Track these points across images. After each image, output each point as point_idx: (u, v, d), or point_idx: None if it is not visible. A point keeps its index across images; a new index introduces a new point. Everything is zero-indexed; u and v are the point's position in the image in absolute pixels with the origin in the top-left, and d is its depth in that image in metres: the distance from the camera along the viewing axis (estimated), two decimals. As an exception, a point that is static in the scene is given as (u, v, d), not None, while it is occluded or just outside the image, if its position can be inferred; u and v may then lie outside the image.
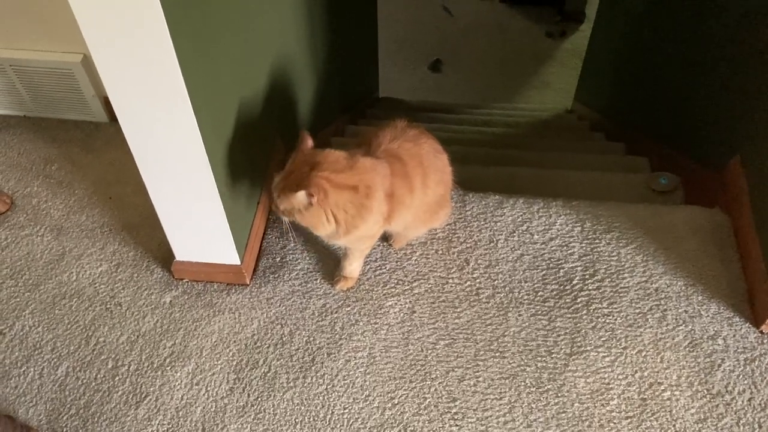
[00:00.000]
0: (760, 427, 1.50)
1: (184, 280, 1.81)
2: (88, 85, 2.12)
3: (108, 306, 1.78)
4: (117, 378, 1.66)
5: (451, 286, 1.77)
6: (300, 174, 1.43)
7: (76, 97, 2.16)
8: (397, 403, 1.59)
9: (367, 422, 1.56)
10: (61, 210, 2.01)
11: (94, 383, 1.65)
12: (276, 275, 1.81)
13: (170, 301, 1.78)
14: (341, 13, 2.48)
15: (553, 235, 1.84)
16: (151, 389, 1.63)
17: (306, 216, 1.46)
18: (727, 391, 1.56)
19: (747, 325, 1.65)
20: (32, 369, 1.68)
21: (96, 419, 1.59)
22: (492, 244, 1.84)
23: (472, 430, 1.54)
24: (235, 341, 1.69)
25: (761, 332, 1.63)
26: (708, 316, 1.67)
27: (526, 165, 2.42)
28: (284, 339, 1.69)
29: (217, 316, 1.74)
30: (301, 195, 1.40)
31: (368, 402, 1.59)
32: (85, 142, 2.21)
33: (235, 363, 1.66)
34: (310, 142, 1.50)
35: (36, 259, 1.89)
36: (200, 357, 1.68)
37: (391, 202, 1.55)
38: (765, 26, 1.85)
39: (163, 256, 1.85)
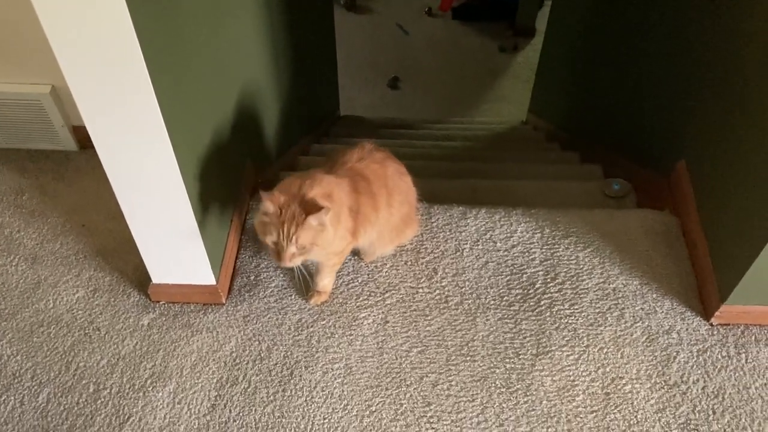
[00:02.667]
0: (714, 413, 1.61)
1: (161, 303, 1.85)
2: (57, 115, 2.15)
3: (87, 331, 1.81)
4: (99, 401, 1.69)
5: (421, 295, 1.85)
6: (298, 209, 1.46)
7: (45, 127, 2.19)
8: (375, 411, 1.65)
9: (346, 430, 1.62)
10: (35, 239, 2.04)
11: (76, 408, 1.68)
12: (251, 293, 1.87)
13: (148, 323, 1.82)
14: (301, 38, 2.56)
15: (515, 242, 1.94)
16: (134, 410, 1.67)
17: (322, 237, 1.50)
18: (682, 382, 1.66)
19: (698, 318, 1.76)
20: (12, 397, 1.70)
21: (80, 443, 1.62)
22: (458, 254, 1.92)
23: (448, 431, 1.62)
24: (214, 359, 1.74)
25: (711, 324, 1.75)
26: (662, 312, 1.78)
27: (486, 177, 2.52)
28: (262, 355, 1.75)
29: (195, 335, 1.79)
30: (320, 215, 1.45)
31: (347, 411, 1.65)
32: (56, 172, 2.24)
33: (215, 380, 1.71)
34: (279, 199, 1.48)
35: (11, 289, 1.91)
36: (181, 376, 1.72)
37: (357, 218, 1.63)
38: (697, 40, 1.99)
39: (139, 279, 1.89)
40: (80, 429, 1.64)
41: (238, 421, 1.63)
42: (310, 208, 1.45)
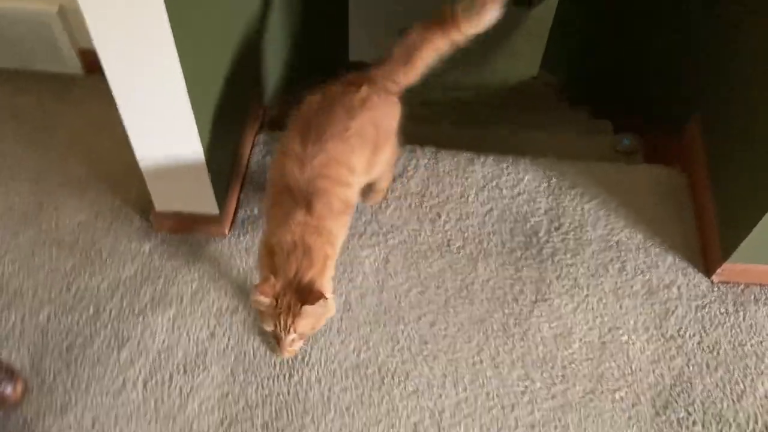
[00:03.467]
0: (708, 367, 1.62)
1: (163, 230, 1.85)
2: (64, 36, 2.11)
3: (88, 254, 1.81)
4: (99, 323, 1.70)
5: (424, 238, 1.85)
6: (294, 298, 1.34)
7: (51, 48, 2.15)
8: (372, 346, 1.66)
9: (343, 364, 1.64)
10: (37, 161, 2.02)
11: (76, 328, 1.69)
12: (254, 226, 1.86)
13: (150, 249, 1.82)
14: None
15: (521, 191, 1.93)
16: (133, 333, 1.68)
17: (324, 318, 1.42)
18: (679, 335, 1.67)
19: (699, 275, 1.76)
20: (13, 314, 1.71)
21: (79, 362, 1.64)
22: (463, 199, 1.91)
23: (443, 370, 1.63)
24: (215, 288, 1.75)
25: (712, 282, 1.75)
26: (664, 266, 1.78)
27: (494, 128, 2.49)
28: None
29: (196, 264, 1.79)
30: (317, 305, 1.32)
31: (344, 345, 1.66)
32: (61, 94, 2.20)
33: (215, 309, 1.72)
34: (274, 289, 1.35)
35: (13, 209, 1.90)
36: (181, 303, 1.73)
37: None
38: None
39: (142, 206, 1.88)
40: (79, 348, 1.65)
41: (236, 349, 1.65)
42: (307, 296, 1.33)
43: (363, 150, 1.55)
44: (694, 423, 1.55)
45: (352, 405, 1.59)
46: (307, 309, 1.31)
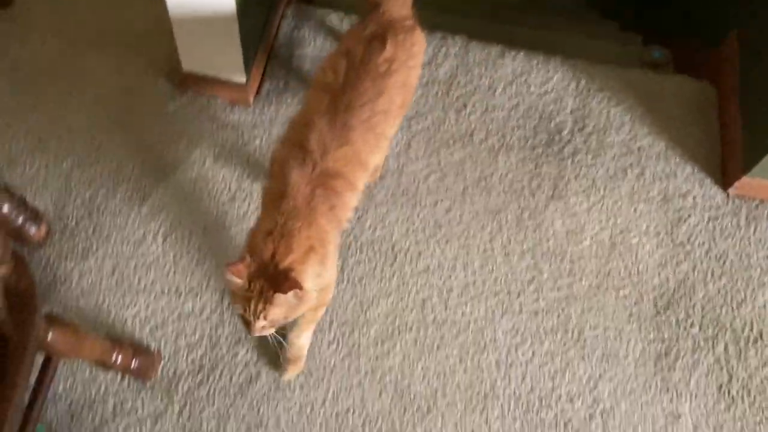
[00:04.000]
0: (712, 274, 1.67)
1: (188, 92, 1.84)
2: None
3: (113, 111, 1.81)
4: (121, 177, 1.72)
5: (447, 127, 1.85)
6: (266, 284, 1.18)
7: None
8: (387, 225, 1.70)
9: (359, 239, 1.68)
10: (64, 15, 1.98)
11: (99, 179, 1.72)
12: (279, 99, 1.86)
13: (174, 110, 1.82)
14: None
15: (549, 89, 1.91)
16: (155, 190, 1.71)
17: (298, 309, 1.26)
18: (688, 242, 1.71)
19: (716, 187, 1.78)
20: (38, 160, 1.73)
21: (101, 211, 1.67)
22: (490, 92, 1.90)
23: (454, 253, 1.67)
24: (237, 155, 1.76)
25: (728, 195, 1.77)
26: (682, 176, 1.79)
27: (524, 27, 2.44)
28: (284, 157, 1.76)
29: (220, 130, 1.80)
30: (290, 295, 1.17)
31: (361, 222, 1.69)
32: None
33: (237, 174, 1.74)
34: (248, 269, 1.19)
35: (39, 60, 1.89)
36: (203, 166, 1.74)
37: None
38: None
39: (170, 67, 1.86)
40: (102, 198, 1.69)
41: (255, 214, 1.68)
42: (281, 283, 1.17)
43: (385, 136, 1.44)
44: (692, 325, 1.61)
45: (364, 277, 1.64)
46: (280, 297, 1.16)
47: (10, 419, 1.01)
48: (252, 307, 1.18)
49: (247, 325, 1.23)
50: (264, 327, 1.22)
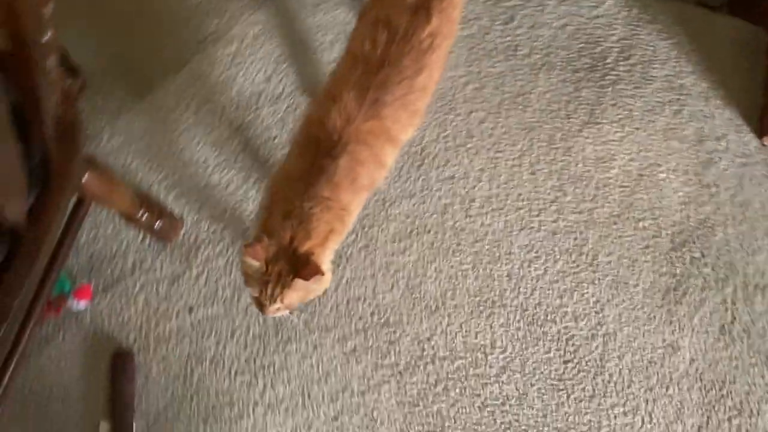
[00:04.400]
0: (733, 219, 1.67)
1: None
2: None
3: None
4: (160, 43, 1.71)
5: (492, 37, 1.82)
6: (286, 268, 1.14)
7: None
8: (419, 129, 1.69)
9: (389, 136, 1.68)
10: None
11: (138, 40, 1.70)
12: (325, -14, 1.82)
13: (220, -17, 1.79)
14: None
15: (600, 13, 1.87)
16: (194, 58, 1.70)
17: (315, 291, 1.23)
18: (715, 185, 1.70)
19: (751, 135, 1.76)
20: (77, 23, 1.71)
21: (136, 73, 1.67)
22: (540, 8, 1.86)
23: (482, 165, 1.68)
24: (277, 35, 1.74)
25: (763, 144, 1.75)
26: (720, 119, 1.77)
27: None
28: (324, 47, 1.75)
29: (262, 8, 1.77)
30: (313, 280, 1.13)
31: (394, 119, 1.69)
32: None
33: (275, 56, 1.72)
34: (267, 252, 1.14)
35: None
36: (242, 43, 1.73)
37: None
38: None
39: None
40: (138, 61, 1.67)
41: (288, 100, 1.67)
42: (302, 268, 1.12)
43: (420, 114, 1.33)
44: (705, 265, 1.63)
45: (389, 175, 1.64)
46: (299, 282, 1.13)
47: (42, 255, 1.04)
48: (269, 291, 1.15)
49: (261, 307, 1.19)
50: (279, 309, 1.19)
